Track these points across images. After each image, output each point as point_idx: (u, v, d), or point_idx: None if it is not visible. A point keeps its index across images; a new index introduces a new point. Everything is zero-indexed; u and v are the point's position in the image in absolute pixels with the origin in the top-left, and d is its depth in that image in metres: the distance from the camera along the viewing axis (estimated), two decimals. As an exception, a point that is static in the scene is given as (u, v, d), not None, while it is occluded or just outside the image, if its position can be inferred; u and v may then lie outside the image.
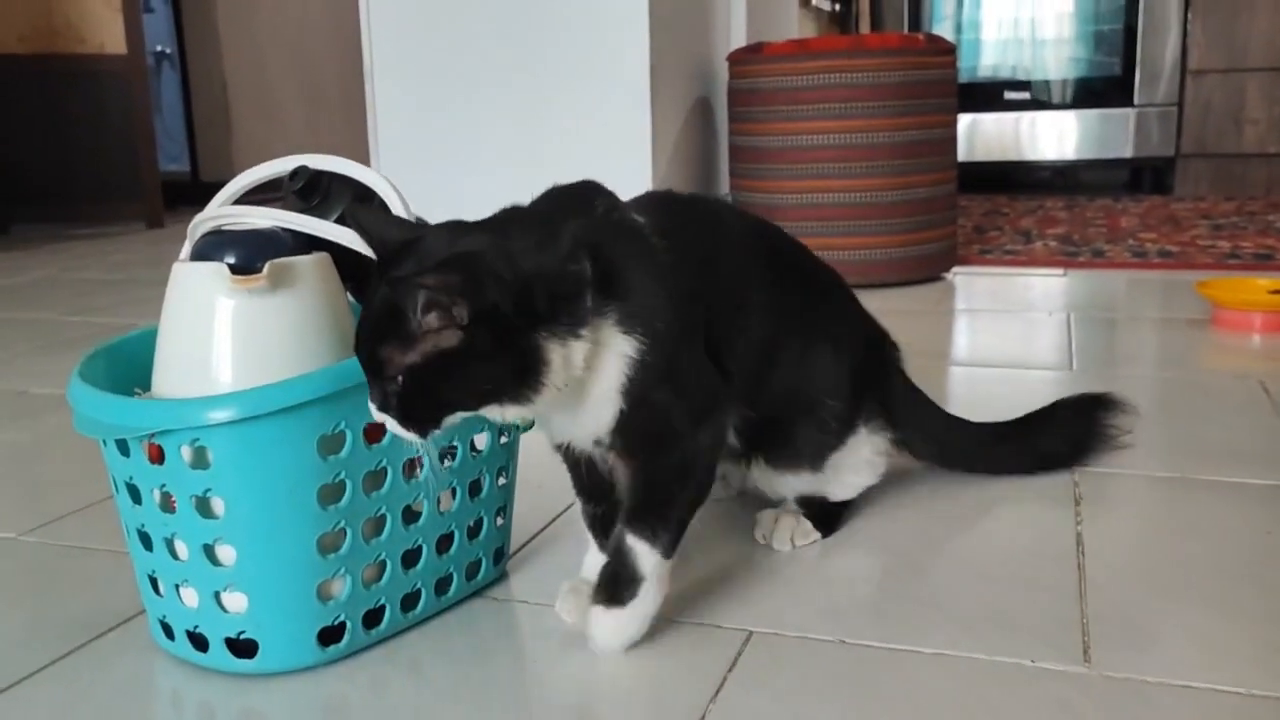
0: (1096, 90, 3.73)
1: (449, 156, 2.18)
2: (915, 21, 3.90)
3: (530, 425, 0.77)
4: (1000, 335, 1.72)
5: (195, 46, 4.28)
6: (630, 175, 2.06)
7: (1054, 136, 3.78)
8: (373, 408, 0.66)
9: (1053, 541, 0.91)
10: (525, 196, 0.75)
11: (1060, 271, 2.24)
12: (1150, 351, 1.60)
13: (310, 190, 0.78)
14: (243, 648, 0.72)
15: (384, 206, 0.75)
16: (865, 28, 3.90)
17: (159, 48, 4.50)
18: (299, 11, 4.13)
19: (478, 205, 2.43)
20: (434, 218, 0.84)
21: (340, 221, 0.75)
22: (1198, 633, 0.75)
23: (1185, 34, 3.59)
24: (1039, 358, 1.55)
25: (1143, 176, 3.83)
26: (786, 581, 0.85)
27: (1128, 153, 3.70)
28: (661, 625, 0.78)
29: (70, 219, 3.60)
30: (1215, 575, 0.84)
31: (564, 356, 0.66)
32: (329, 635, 0.73)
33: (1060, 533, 0.92)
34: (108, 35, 3.46)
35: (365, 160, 0.74)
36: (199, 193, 4.11)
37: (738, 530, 0.96)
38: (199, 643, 0.73)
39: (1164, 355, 1.57)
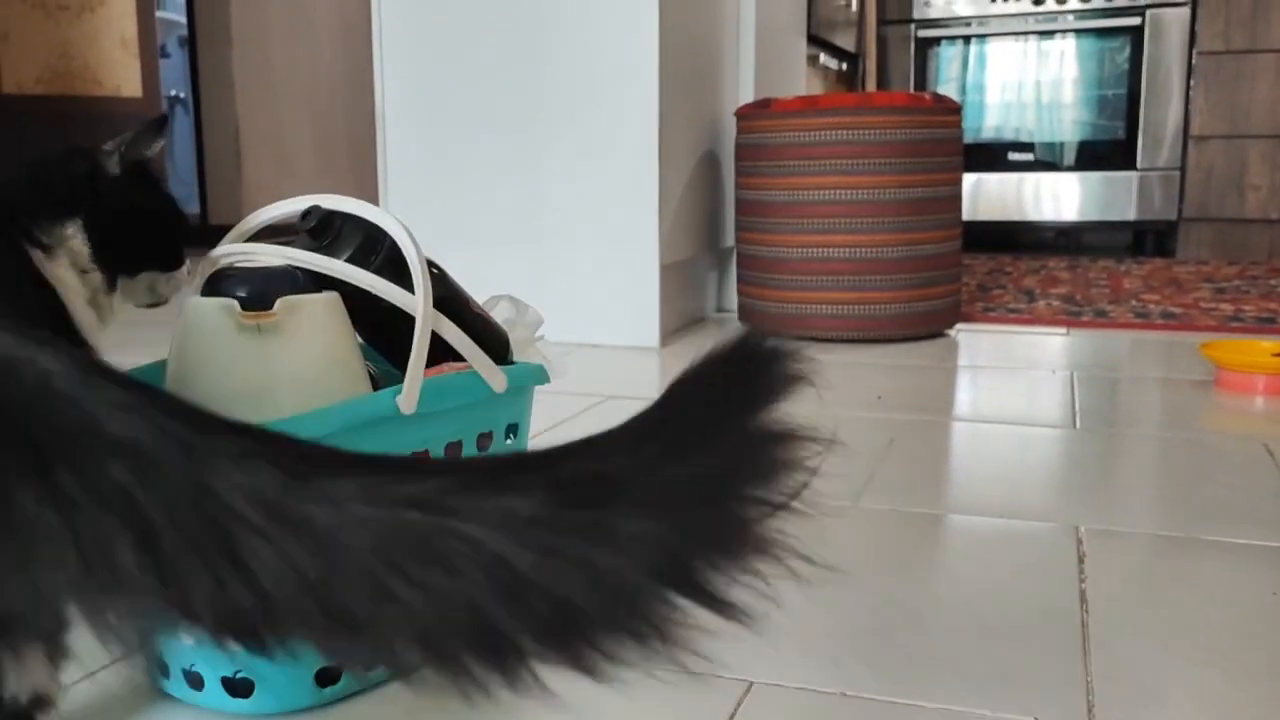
0: (1100, 153, 3.77)
1: (457, 201, 2.20)
2: (921, 82, 3.96)
3: None
4: (1004, 392, 1.72)
5: (209, 91, 4.34)
6: (637, 225, 2.07)
7: (1057, 198, 3.82)
8: None
9: (1056, 598, 0.90)
10: (531, 244, 0.76)
11: (1063, 330, 2.24)
12: (1154, 412, 1.60)
13: (322, 230, 0.79)
14: (239, 687, 0.71)
15: (394, 247, 0.76)
16: (871, 87, 3.95)
17: (173, 92, 4.56)
18: (312, 59, 4.19)
19: (485, 250, 2.42)
20: (443, 259, 0.85)
21: (351, 261, 0.76)
22: (1203, 693, 0.74)
23: (1188, 100, 3.63)
24: (1042, 415, 1.55)
25: (1145, 239, 3.86)
26: (788, 632, 0.84)
27: (1131, 215, 3.74)
28: (659, 675, 0.77)
29: (78, 258, 3.62)
30: (1221, 636, 0.83)
31: None
32: (326, 676, 0.72)
33: (1063, 590, 0.92)
34: (124, 78, 3.51)
35: (375, 204, 0.75)
36: (208, 235, 4.12)
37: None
38: (195, 681, 0.72)
39: (1167, 415, 1.57)
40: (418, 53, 2.19)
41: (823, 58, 3.41)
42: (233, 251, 0.76)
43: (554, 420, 1.51)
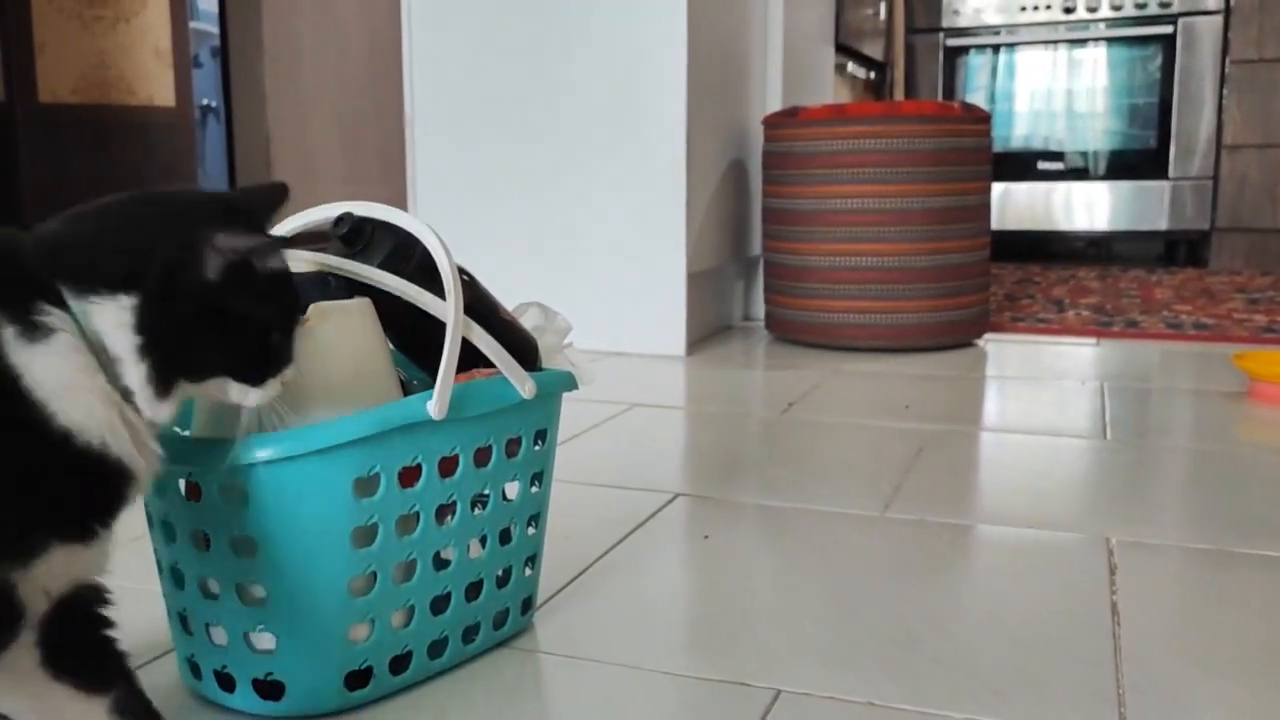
0: (1131, 162, 3.74)
1: (485, 209, 2.21)
2: (949, 91, 3.94)
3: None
4: (1033, 402, 1.71)
5: (241, 101, 4.38)
6: (664, 233, 2.07)
7: (1087, 207, 3.79)
8: None
9: (1087, 610, 0.89)
10: (559, 252, 0.76)
11: (1093, 341, 2.22)
12: (1186, 423, 1.58)
13: (354, 236, 0.79)
14: (269, 689, 0.71)
15: (426, 253, 0.76)
16: (899, 96, 3.94)
17: (205, 101, 4.61)
18: (341, 71, 4.22)
19: (513, 257, 2.43)
20: (471, 266, 0.85)
21: (383, 268, 0.77)
22: (1237, 707, 0.73)
23: (1220, 109, 3.60)
24: (1072, 426, 1.54)
25: (1177, 249, 3.82)
26: (815, 640, 0.84)
27: (1162, 225, 3.70)
28: (689, 682, 0.77)
29: (112, 265, 3.66)
30: (1255, 649, 0.82)
31: None
32: (355, 679, 0.73)
33: (1095, 601, 0.91)
34: (157, 88, 3.55)
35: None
36: (238, 242, 4.17)
37: (764, 584, 0.95)
38: (226, 683, 0.72)
39: (1200, 427, 1.55)
40: (447, 62, 2.21)
41: (850, 66, 3.41)
42: (266, 258, 0.76)
43: (582, 427, 1.51)
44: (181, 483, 0.70)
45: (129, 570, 0.98)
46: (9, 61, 3.40)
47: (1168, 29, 3.63)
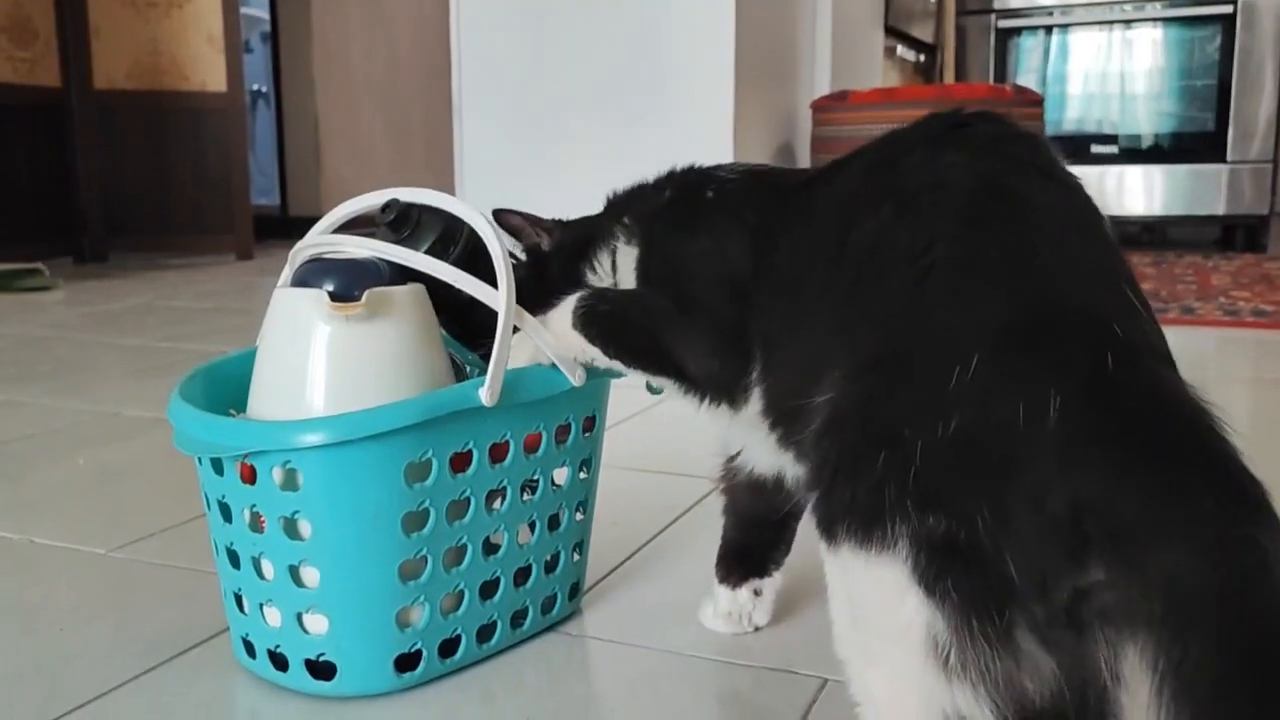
0: (1187, 146, 3.67)
1: (531, 193, 2.21)
2: (1000, 73, 3.88)
3: None
4: (1085, 390, 1.68)
5: (290, 86, 4.42)
6: (711, 219, 2.06)
7: (1142, 191, 3.72)
8: None
9: (1141, 602, 0.88)
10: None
11: (1148, 328, 2.19)
12: (1243, 411, 1.55)
13: (401, 222, 0.80)
14: (321, 670, 0.72)
15: (473, 237, 0.76)
16: (950, 79, 3.89)
17: (256, 86, 4.66)
18: (389, 55, 4.25)
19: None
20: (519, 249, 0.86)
21: (430, 253, 0.77)
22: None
23: (1281, 90, 3.52)
24: (1126, 414, 1.52)
25: (1235, 234, 3.74)
26: (864, 630, 0.83)
27: (1219, 210, 3.63)
28: (735, 669, 0.77)
29: (165, 249, 3.72)
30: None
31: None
32: (405, 662, 0.73)
33: (1149, 593, 0.89)
34: (210, 74, 3.59)
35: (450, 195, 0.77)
36: (288, 227, 4.22)
37: (812, 570, 0.94)
38: (279, 662, 0.74)
39: (1258, 415, 1.52)
40: (494, 47, 2.21)
41: (900, 49, 3.37)
42: (321, 243, 0.77)
43: (629, 413, 1.51)
44: (237, 464, 0.71)
45: (183, 551, 1.00)
46: (65, 48, 3.46)
47: (1227, 8, 3.55)
